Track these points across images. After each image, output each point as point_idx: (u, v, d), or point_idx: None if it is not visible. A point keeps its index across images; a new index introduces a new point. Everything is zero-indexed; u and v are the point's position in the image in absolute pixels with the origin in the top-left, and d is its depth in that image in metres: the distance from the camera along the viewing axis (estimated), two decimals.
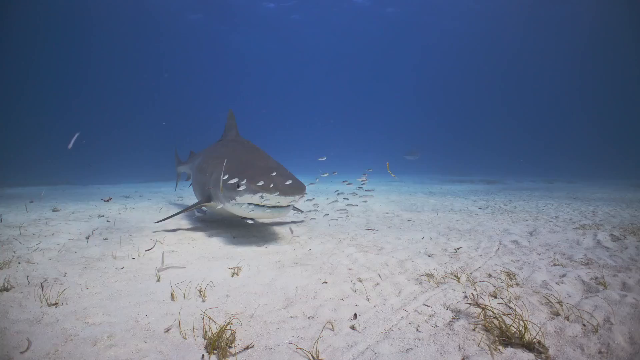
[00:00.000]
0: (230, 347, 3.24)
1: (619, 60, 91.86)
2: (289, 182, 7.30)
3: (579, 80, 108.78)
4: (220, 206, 8.14)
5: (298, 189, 7.32)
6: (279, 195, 7.00)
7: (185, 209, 9.07)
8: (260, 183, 6.99)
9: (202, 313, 3.96)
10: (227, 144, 10.75)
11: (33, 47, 79.86)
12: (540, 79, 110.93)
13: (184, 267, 6.06)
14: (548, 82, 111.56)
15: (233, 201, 7.47)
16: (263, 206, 7.29)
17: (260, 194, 7.04)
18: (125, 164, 58.06)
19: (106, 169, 45.86)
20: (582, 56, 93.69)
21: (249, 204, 7.32)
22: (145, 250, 6.95)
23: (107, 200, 14.45)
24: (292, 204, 7.25)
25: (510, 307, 4.13)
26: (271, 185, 7.03)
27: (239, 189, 7.24)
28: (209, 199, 8.64)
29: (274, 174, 7.30)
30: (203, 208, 9.69)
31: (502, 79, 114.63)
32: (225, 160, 8.32)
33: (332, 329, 3.68)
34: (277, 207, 7.40)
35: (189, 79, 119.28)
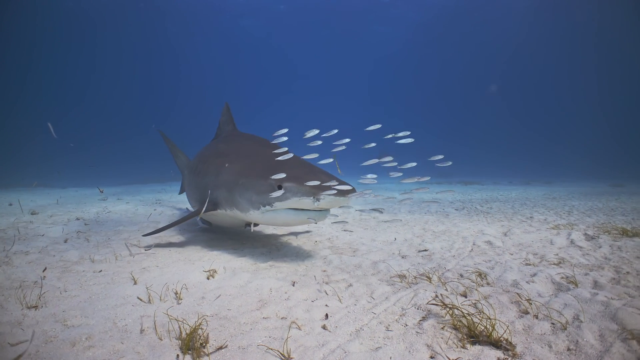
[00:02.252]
0: (204, 348, 3.31)
1: (604, 61, 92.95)
2: (336, 181, 6.00)
3: (560, 82, 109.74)
4: (236, 214, 6.90)
5: (351, 188, 6.03)
6: (336, 196, 5.84)
7: (183, 219, 7.49)
8: (313, 183, 5.81)
9: (178, 315, 4.04)
10: (230, 139, 9.17)
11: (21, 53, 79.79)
12: (522, 79, 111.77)
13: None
14: (530, 83, 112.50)
15: (267, 207, 6.21)
16: (308, 210, 6.15)
17: (314, 197, 5.84)
18: (105, 166, 57.89)
19: (86, 172, 45.61)
20: (566, 56, 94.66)
21: (292, 209, 6.15)
22: (145, 250, 7.23)
23: (102, 192, 14.52)
24: (344, 205, 6.63)
25: (477, 307, 4.23)
26: (324, 185, 5.87)
27: (282, 192, 5.92)
28: (215, 205, 7.20)
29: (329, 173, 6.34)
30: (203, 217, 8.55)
31: (481, 80, 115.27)
32: (231, 157, 7.53)
33: (304, 329, 3.76)
34: (322, 210, 6.24)
35: (174, 84, 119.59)
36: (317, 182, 5.78)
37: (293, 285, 5.17)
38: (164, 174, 40.76)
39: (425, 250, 7.50)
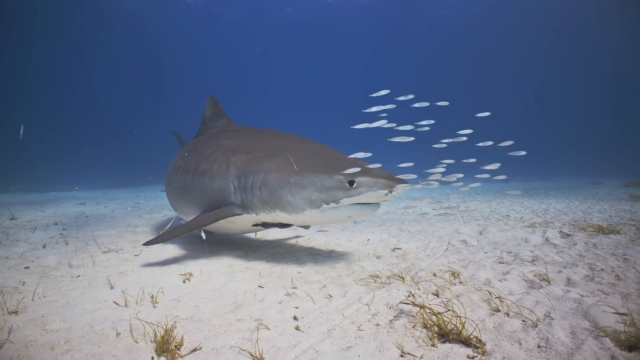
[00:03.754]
0: (179, 349, 3.38)
1: (583, 59, 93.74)
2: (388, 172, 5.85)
3: (536, 78, 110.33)
4: (276, 216, 6.29)
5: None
6: (404, 186, 5.70)
7: (192, 226, 6.50)
8: (386, 175, 5.65)
9: (154, 318, 4.10)
10: (235, 134, 8.00)
11: None
12: (496, 76, 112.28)
13: (132, 257, 6.65)
14: (504, 79, 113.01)
15: (331, 204, 5.79)
16: (372, 204, 5.91)
17: (389, 190, 5.60)
18: (83, 170, 57.55)
19: (63, 176, 45.27)
20: (545, 53, 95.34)
21: (359, 204, 5.85)
22: (135, 255, 7.13)
23: (76, 190, 14.58)
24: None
25: (449, 306, 4.26)
26: (395, 177, 5.68)
27: (354, 187, 5.62)
28: (244, 209, 6.49)
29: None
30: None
31: (463, 76, 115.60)
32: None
33: (277, 330, 3.82)
34: (379, 202, 6.06)
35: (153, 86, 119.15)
36: (386, 173, 5.66)
37: (267, 287, 5.22)
38: (143, 178, 40.75)
39: (399, 248, 7.60)
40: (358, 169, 5.55)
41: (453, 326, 3.60)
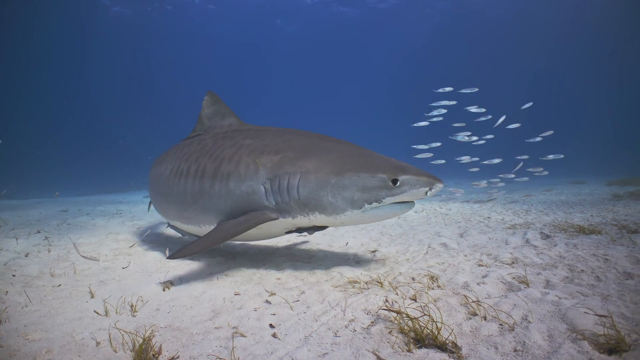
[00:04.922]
0: (157, 358, 3.43)
1: (576, 58, 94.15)
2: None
3: (529, 76, 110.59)
4: (314, 219, 6.05)
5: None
6: (441, 185, 5.74)
7: (219, 236, 6.03)
8: (426, 173, 5.70)
9: (133, 327, 4.14)
10: (254, 133, 7.31)
11: None
12: (489, 74, 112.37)
13: (113, 266, 6.85)
14: (498, 77, 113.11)
15: (374, 204, 5.66)
16: (409, 202, 5.91)
17: (429, 187, 5.64)
18: (64, 176, 57.36)
19: (45, 182, 45.04)
20: (539, 51, 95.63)
21: (399, 202, 5.82)
22: (123, 268, 6.97)
23: (57, 195, 14.52)
24: None
25: (426, 310, 4.25)
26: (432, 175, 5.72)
27: (397, 185, 5.54)
28: (280, 213, 6.16)
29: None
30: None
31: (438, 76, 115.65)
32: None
33: (254, 338, 3.85)
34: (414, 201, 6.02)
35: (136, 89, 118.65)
36: (426, 172, 5.68)
37: (246, 294, 5.26)
38: (125, 184, 40.60)
39: (379, 252, 7.70)
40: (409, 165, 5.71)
41: (429, 331, 3.62)
